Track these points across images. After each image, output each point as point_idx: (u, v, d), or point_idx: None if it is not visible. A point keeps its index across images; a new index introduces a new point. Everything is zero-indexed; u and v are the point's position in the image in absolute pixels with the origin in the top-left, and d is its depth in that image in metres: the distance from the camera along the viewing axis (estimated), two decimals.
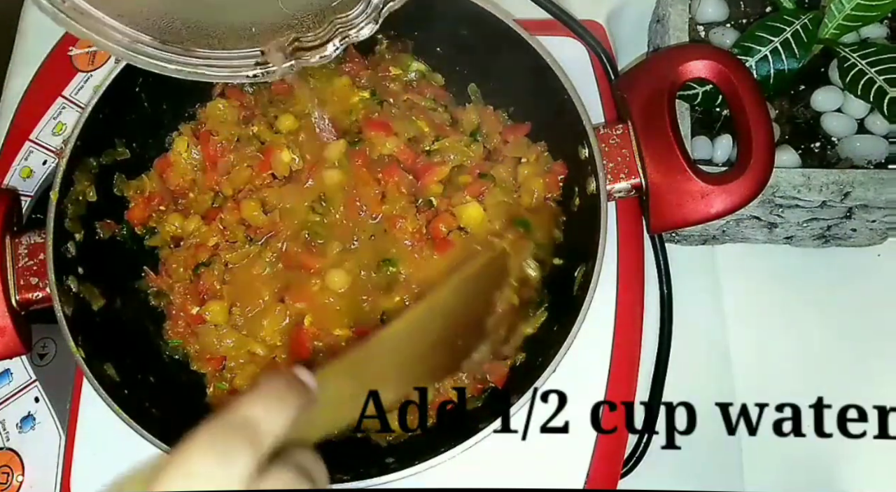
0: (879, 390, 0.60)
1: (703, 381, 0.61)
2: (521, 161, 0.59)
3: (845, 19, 0.54)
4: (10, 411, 0.59)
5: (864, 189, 0.53)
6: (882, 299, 0.63)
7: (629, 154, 0.53)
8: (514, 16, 0.56)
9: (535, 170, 0.58)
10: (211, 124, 0.60)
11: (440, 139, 0.59)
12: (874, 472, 0.59)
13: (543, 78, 0.55)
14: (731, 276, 0.64)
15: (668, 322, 0.60)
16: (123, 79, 0.56)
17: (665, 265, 0.61)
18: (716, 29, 0.59)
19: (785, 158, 0.55)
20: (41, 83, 0.68)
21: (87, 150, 0.55)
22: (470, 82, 0.62)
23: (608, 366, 0.56)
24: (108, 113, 0.55)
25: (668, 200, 0.52)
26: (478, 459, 0.48)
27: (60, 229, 0.53)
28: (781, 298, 0.63)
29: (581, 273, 0.53)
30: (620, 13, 0.69)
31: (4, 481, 0.57)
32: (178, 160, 0.60)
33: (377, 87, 0.61)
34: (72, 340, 0.51)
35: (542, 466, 0.55)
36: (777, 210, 0.57)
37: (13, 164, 0.65)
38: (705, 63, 0.53)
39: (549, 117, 0.57)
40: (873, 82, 0.53)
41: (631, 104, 0.54)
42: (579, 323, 0.50)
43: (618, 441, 0.56)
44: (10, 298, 0.53)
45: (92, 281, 0.55)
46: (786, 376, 0.61)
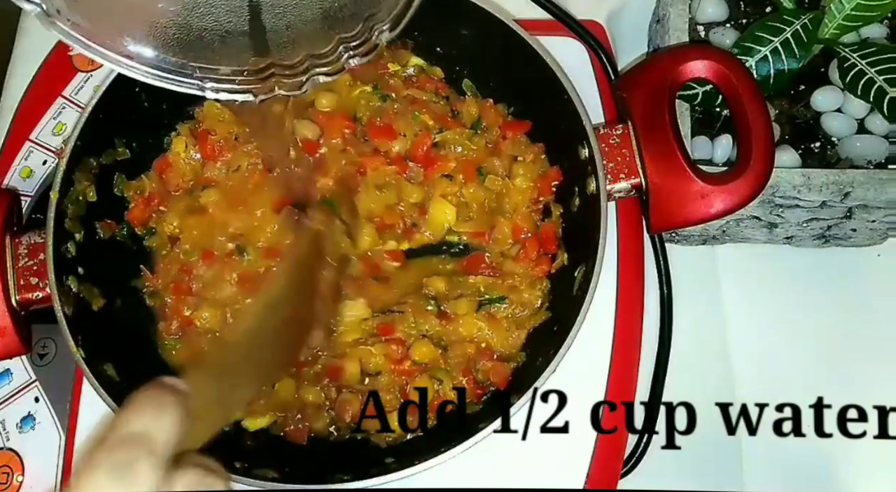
0: (879, 390, 0.60)
1: (703, 381, 0.61)
2: (517, 160, 0.59)
3: (845, 19, 0.54)
4: (10, 411, 0.59)
5: (864, 189, 0.53)
6: (882, 299, 0.63)
7: (629, 154, 0.53)
8: (515, 16, 0.56)
9: (530, 171, 0.59)
10: (209, 123, 0.60)
11: (443, 131, 0.60)
12: (874, 472, 0.59)
13: (543, 78, 0.55)
14: (731, 276, 0.64)
15: (668, 322, 0.60)
16: (123, 79, 0.55)
17: (665, 265, 0.61)
18: (716, 29, 0.59)
19: (785, 158, 0.55)
20: (41, 83, 0.68)
21: (87, 150, 0.55)
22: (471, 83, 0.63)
23: (608, 366, 0.56)
24: (108, 113, 0.55)
25: (668, 200, 0.52)
26: (478, 459, 0.48)
27: (60, 229, 0.53)
28: (781, 297, 0.63)
29: (581, 273, 0.53)
30: (620, 13, 0.69)
31: (4, 481, 0.57)
32: (176, 160, 0.60)
33: (378, 82, 0.61)
34: (72, 340, 0.51)
35: (542, 466, 0.55)
36: (777, 210, 0.57)
37: (13, 164, 0.65)
38: (705, 63, 0.53)
39: (549, 117, 0.57)
40: (873, 82, 0.53)
41: (631, 104, 0.54)
42: (579, 323, 0.50)
43: (618, 441, 0.56)
44: (10, 298, 0.53)
45: (92, 281, 0.55)
46: (786, 376, 0.61)
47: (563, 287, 0.56)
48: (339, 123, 0.60)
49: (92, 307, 0.55)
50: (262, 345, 0.43)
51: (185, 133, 0.60)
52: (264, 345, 0.43)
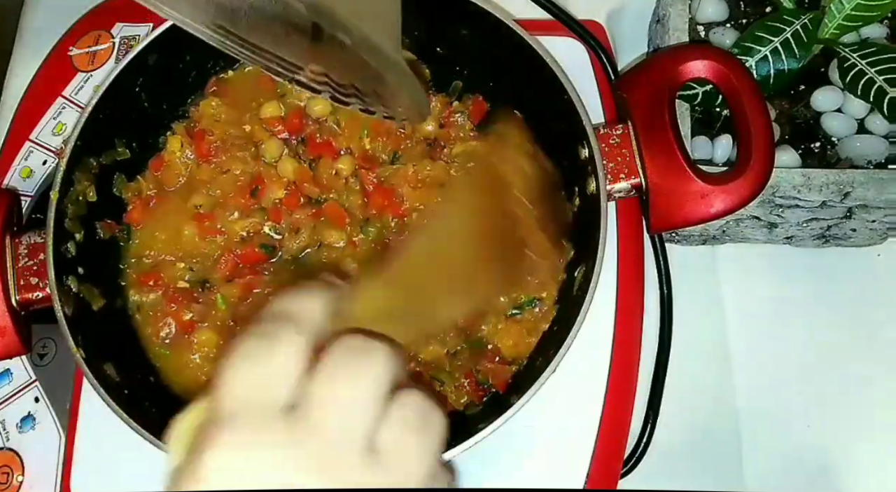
0: (879, 390, 0.60)
1: (703, 381, 0.61)
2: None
3: (845, 19, 0.54)
4: (10, 411, 0.59)
5: (864, 189, 0.53)
6: (882, 299, 0.63)
7: (629, 154, 0.53)
8: (515, 16, 0.56)
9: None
10: (205, 123, 0.60)
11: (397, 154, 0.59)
12: (874, 472, 0.59)
13: (543, 78, 0.55)
14: (731, 276, 0.64)
15: (668, 322, 0.60)
16: (123, 79, 0.56)
17: (665, 265, 0.61)
18: (716, 29, 0.59)
19: (785, 158, 0.55)
20: (41, 83, 0.68)
21: (87, 150, 0.55)
22: (470, 82, 0.62)
23: (608, 366, 0.56)
24: (108, 113, 0.55)
25: (668, 200, 0.52)
26: (478, 459, 0.48)
27: (60, 229, 0.53)
28: (781, 298, 0.63)
29: (581, 273, 0.53)
30: (620, 13, 0.69)
31: (4, 481, 0.57)
32: (172, 160, 0.60)
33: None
34: (72, 340, 0.51)
35: (542, 466, 0.55)
36: (777, 210, 0.57)
37: (13, 164, 0.65)
38: (705, 63, 0.52)
39: (549, 117, 0.57)
40: (873, 82, 0.53)
41: (631, 104, 0.54)
42: (579, 323, 0.50)
43: (618, 441, 0.56)
44: (10, 298, 0.53)
45: (92, 281, 0.55)
46: (786, 376, 0.61)
47: (563, 287, 0.56)
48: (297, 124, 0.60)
49: (92, 307, 0.55)
50: (446, 261, 0.40)
51: (181, 132, 0.60)
52: (449, 260, 0.40)
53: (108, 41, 0.69)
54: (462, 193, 0.48)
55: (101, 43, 0.69)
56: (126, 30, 0.69)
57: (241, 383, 0.28)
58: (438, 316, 0.40)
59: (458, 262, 0.41)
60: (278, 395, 0.28)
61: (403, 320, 0.34)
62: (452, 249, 0.41)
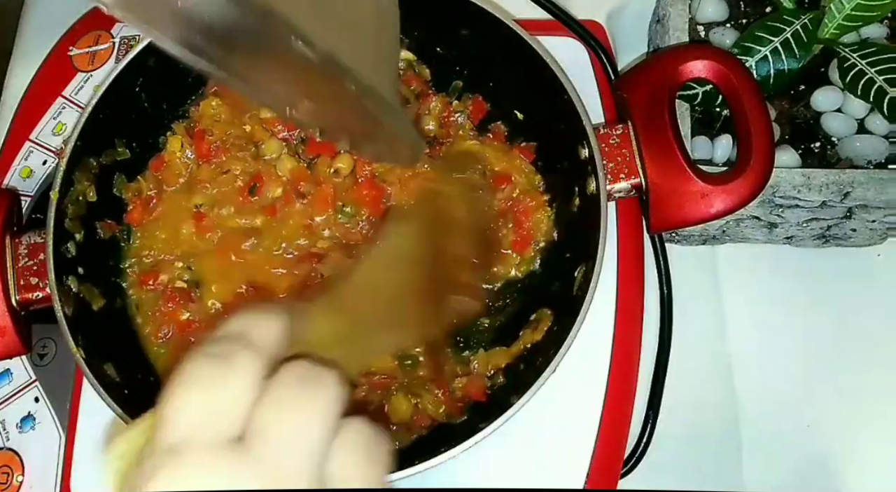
0: (879, 390, 0.60)
1: (703, 381, 0.61)
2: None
3: (845, 19, 0.54)
4: (10, 411, 0.59)
5: (864, 189, 0.53)
6: (882, 299, 0.63)
7: (629, 154, 0.53)
8: (515, 16, 0.56)
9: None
10: (205, 123, 0.60)
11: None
12: (874, 472, 0.59)
13: (543, 78, 0.55)
14: (731, 276, 0.64)
15: (668, 322, 0.60)
16: (123, 79, 0.56)
17: (665, 265, 0.61)
18: (716, 29, 0.59)
19: (785, 158, 0.55)
20: (41, 83, 0.68)
21: (87, 150, 0.55)
22: (470, 82, 0.62)
23: (608, 366, 0.56)
24: (108, 113, 0.55)
25: (668, 200, 0.52)
26: (478, 459, 0.48)
27: (60, 229, 0.53)
28: (781, 298, 0.63)
29: (581, 273, 0.53)
30: (620, 13, 0.69)
31: (4, 481, 0.57)
32: (172, 160, 0.60)
33: None
34: (72, 340, 0.51)
35: (542, 466, 0.55)
36: (777, 210, 0.57)
37: (13, 164, 0.65)
38: (705, 63, 0.52)
39: (548, 117, 0.57)
40: (873, 82, 0.53)
41: (631, 104, 0.54)
42: (579, 323, 0.50)
43: (618, 441, 0.56)
44: (10, 298, 0.53)
45: (92, 281, 0.55)
46: (786, 375, 0.61)
47: (563, 287, 0.56)
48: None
49: (92, 307, 0.55)
50: (395, 280, 0.41)
51: (181, 132, 0.60)
52: (397, 280, 0.42)
53: (109, 41, 0.69)
54: (408, 226, 0.49)
55: (102, 43, 0.69)
56: (126, 30, 0.69)
57: (191, 409, 0.27)
58: (375, 345, 0.40)
59: (394, 293, 0.41)
60: (228, 426, 0.26)
61: (347, 347, 0.34)
62: (391, 279, 0.42)
